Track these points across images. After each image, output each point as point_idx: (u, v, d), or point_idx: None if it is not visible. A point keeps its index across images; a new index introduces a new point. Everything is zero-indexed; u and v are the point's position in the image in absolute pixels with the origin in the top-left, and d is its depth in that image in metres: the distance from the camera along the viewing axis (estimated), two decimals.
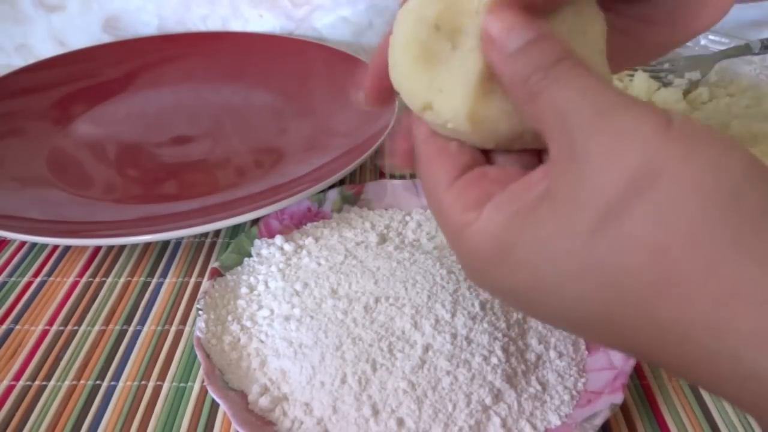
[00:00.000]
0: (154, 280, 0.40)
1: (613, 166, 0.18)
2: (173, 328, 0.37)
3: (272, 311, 0.35)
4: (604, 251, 0.18)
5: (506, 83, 0.21)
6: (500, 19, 0.21)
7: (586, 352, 0.33)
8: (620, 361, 0.31)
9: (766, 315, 0.16)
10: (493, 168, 0.23)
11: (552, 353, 0.32)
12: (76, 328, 0.37)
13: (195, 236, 0.43)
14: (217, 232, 0.44)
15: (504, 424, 0.29)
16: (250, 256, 0.39)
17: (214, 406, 0.32)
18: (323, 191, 0.42)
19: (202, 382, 0.33)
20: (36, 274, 0.41)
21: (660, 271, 0.18)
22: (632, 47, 0.27)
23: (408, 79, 0.24)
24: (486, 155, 0.24)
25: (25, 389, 0.33)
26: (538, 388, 0.30)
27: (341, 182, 0.45)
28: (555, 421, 0.29)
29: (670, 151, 0.18)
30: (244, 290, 0.36)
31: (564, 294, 0.20)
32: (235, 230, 0.44)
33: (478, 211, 0.21)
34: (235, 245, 0.39)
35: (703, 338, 0.17)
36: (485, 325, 0.32)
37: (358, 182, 0.46)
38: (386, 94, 0.26)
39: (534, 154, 0.24)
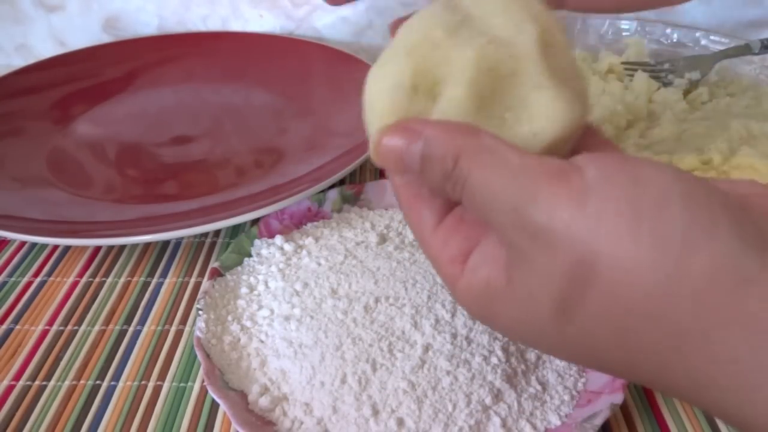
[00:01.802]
0: (154, 280, 0.40)
1: (550, 266, 0.19)
2: (173, 328, 0.37)
3: (272, 311, 0.35)
4: (573, 334, 0.19)
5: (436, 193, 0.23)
6: (389, 147, 0.22)
7: None
8: None
9: (739, 376, 0.17)
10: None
11: None
12: (76, 328, 0.37)
13: (195, 236, 0.43)
14: (217, 232, 0.44)
15: (504, 424, 0.29)
16: (250, 256, 0.39)
17: (214, 406, 0.32)
18: (323, 191, 0.42)
19: (202, 382, 0.33)
20: (36, 274, 0.41)
21: (630, 348, 0.18)
22: None
23: None
24: None
25: (25, 389, 0.33)
26: (538, 387, 0.30)
27: (341, 182, 0.45)
28: (555, 421, 0.29)
29: (595, 236, 0.18)
30: (244, 290, 0.36)
31: (550, 351, 0.22)
32: (235, 230, 0.44)
33: (461, 266, 0.22)
34: (235, 245, 0.39)
35: (689, 391, 0.18)
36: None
37: (358, 182, 0.46)
38: None
39: None
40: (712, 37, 0.54)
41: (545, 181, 0.19)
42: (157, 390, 0.33)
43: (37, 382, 0.34)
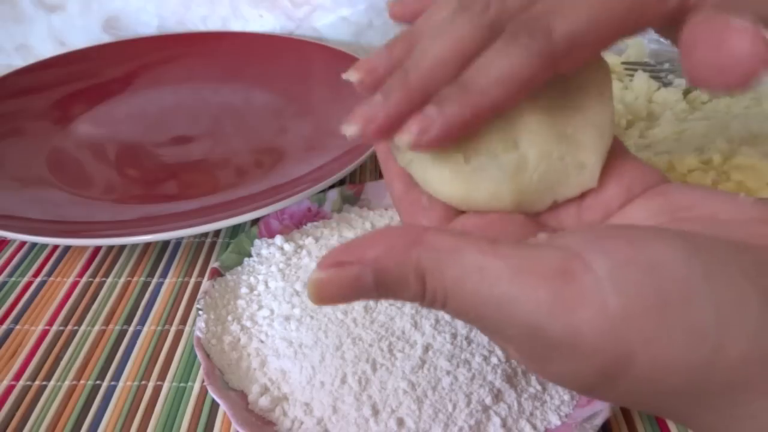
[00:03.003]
0: (154, 280, 0.40)
1: (578, 370, 0.17)
2: (173, 328, 0.37)
3: (272, 311, 0.35)
4: None
5: None
6: (331, 288, 0.18)
7: None
8: None
9: None
10: (470, 217, 0.23)
11: None
12: (76, 328, 0.37)
13: (195, 236, 0.43)
14: (217, 232, 0.44)
15: (504, 424, 0.29)
16: (250, 256, 0.39)
17: (214, 406, 0.32)
18: (323, 191, 0.42)
19: (202, 382, 0.33)
20: (36, 274, 0.41)
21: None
22: None
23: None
24: None
25: (25, 389, 0.33)
26: (538, 387, 0.30)
27: (341, 182, 0.45)
28: (555, 421, 0.29)
29: (626, 336, 0.16)
30: (244, 290, 0.36)
31: None
32: (235, 230, 0.44)
33: None
34: (235, 245, 0.39)
35: None
36: None
37: (358, 182, 0.46)
38: None
39: None
40: None
41: (553, 284, 0.17)
42: (157, 390, 0.33)
43: (37, 382, 0.34)
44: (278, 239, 0.39)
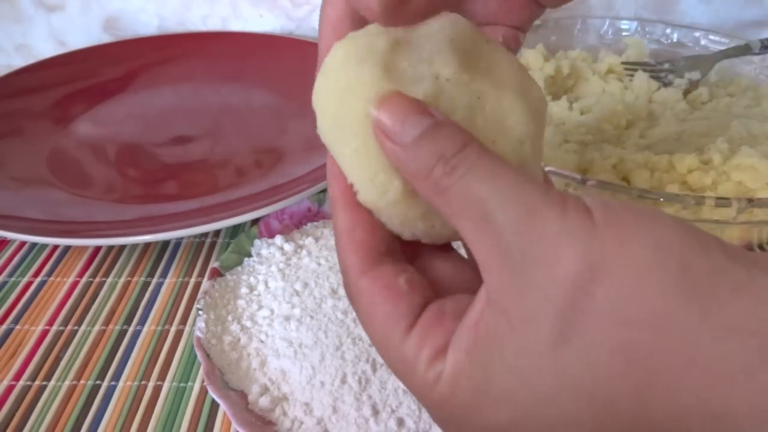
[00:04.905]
0: (154, 280, 0.40)
1: (554, 273, 0.17)
2: (173, 328, 0.37)
3: (272, 311, 0.35)
4: (574, 365, 0.17)
5: (408, 177, 0.20)
6: (392, 110, 0.20)
7: None
8: None
9: (758, 391, 0.15)
10: (448, 301, 0.20)
11: None
12: (76, 328, 0.37)
13: (195, 236, 0.43)
14: (217, 232, 0.44)
15: None
16: (250, 256, 0.39)
17: (214, 406, 0.32)
18: (323, 191, 0.42)
19: (202, 382, 0.33)
20: (36, 274, 0.41)
21: (640, 372, 0.16)
22: None
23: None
24: (431, 276, 0.22)
25: (25, 389, 0.33)
26: None
27: None
28: None
29: (604, 244, 0.17)
30: (244, 290, 0.36)
31: (551, 420, 0.18)
32: (235, 230, 0.44)
33: (443, 361, 0.19)
34: (235, 245, 0.39)
35: (704, 426, 0.16)
36: None
37: None
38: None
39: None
40: (712, 37, 0.54)
41: (556, 196, 0.18)
42: (157, 390, 0.33)
43: (37, 382, 0.34)
44: (278, 239, 0.39)
